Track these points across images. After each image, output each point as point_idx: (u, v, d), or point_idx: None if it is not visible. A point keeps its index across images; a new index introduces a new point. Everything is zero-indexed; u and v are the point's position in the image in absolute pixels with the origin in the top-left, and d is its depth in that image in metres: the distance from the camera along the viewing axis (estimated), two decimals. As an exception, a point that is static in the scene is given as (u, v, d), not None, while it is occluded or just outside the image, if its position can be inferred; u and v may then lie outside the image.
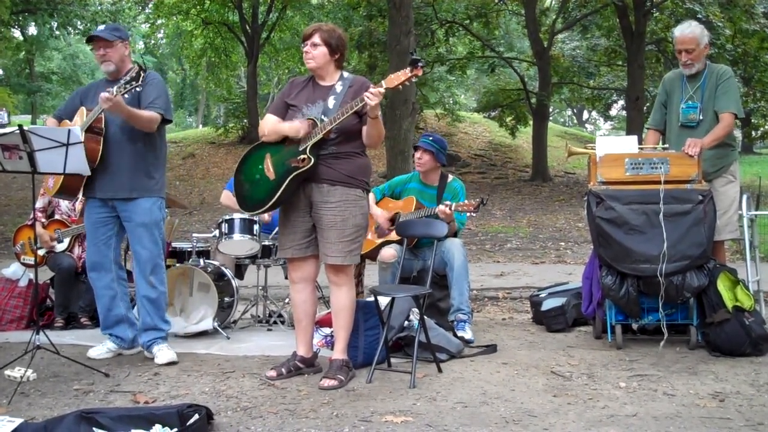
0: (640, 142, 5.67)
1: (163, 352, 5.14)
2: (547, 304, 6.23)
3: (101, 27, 5.27)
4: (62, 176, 5.00)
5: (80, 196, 5.44)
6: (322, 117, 4.58)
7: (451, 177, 6.26)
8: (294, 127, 4.57)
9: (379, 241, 6.10)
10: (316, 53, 4.69)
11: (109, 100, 4.73)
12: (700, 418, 3.83)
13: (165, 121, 5.19)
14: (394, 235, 5.94)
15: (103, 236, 5.23)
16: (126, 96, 4.81)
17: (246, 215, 6.06)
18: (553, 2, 28.62)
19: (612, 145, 5.52)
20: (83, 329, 6.19)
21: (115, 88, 4.77)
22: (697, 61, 5.65)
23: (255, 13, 27.28)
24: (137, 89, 4.81)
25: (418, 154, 6.09)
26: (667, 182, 5.22)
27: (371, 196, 6.03)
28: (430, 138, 6.17)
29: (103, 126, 5.05)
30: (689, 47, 5.62)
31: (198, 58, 32.15)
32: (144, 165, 5.18)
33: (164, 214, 5.40)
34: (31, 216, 6.27)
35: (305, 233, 4.74)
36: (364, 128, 4.61)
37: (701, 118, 5.64)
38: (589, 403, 4.12)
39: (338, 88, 4.70)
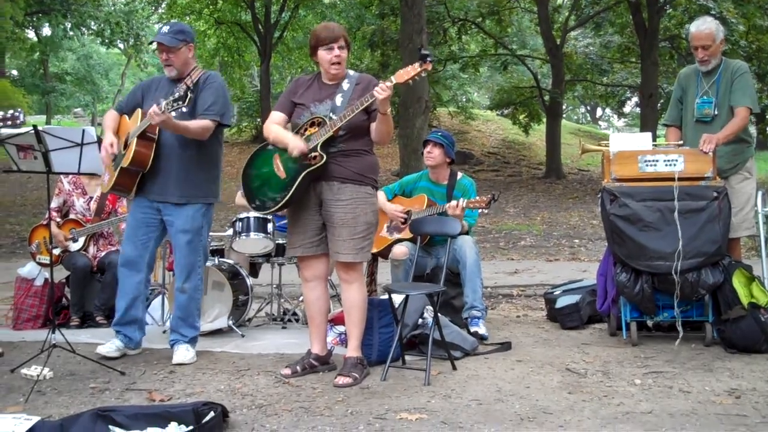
0: (654, 139, 5.65)
1: (179, 352, 5.15)
2: (562, 302, 6.22)
3: (164, 29, 5.17)
4: (114, 178, 5.07)
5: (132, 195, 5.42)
6: (331, 115, 4.59)
7: (460, 174, 6.25)
8: (295, 144, 4.53)
9: (393, 238, 6.10)
10: (344, 56, 4.71)
11: (157, 115, 4.74)
12: (716, 415, 3.82)
13: (222, 125, 5.21)
14: (407, 233, 5.95)
15: (144, 236, 5.24)
16: (173, 113, 4.81)
17: (259, 214, 6.07)
18: (566, -1, 28.55)
19: (626, 142, 5.51)
20: (99, 327, 6.21)
21: (163, 103, 4.73)
22: (714, 57, 5.62)
23: (267, 12, 27.31)
24: (183, 109, 4.81)
25: (428, 148, 6.09)
26: (681, 179, 5.21)
27: (382, 195, 6.02)
28: (439, 133, 6.19)
29: (156, 132, 5.05)
30: (705, 43, 5.59)
31: (211, 58, 32.20)
32: (195, 171, 5.18)
33: (209, 220, 5.37)
34: (46, 216, 6.30)
35: (315, 231, 4.75)
36: (373, 124, 4.62)
37: (716, 113, 5.61)
38: (604, 400, 4.11)
39: (345, 85, 4.71)
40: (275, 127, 4.77)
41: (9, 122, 4.76)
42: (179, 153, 5.13)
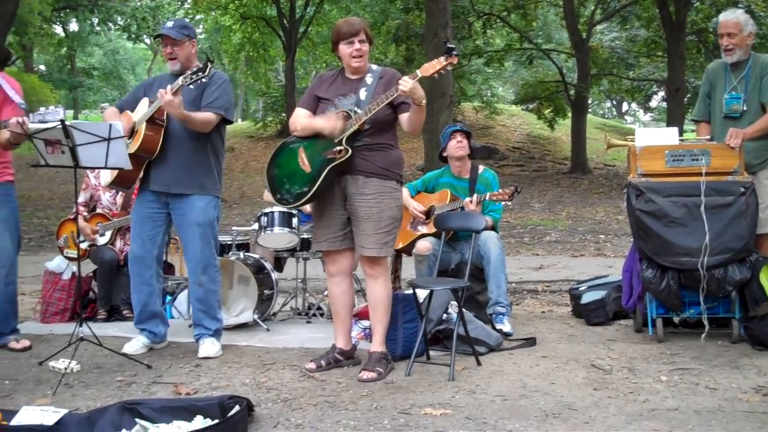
0: (680, 134, 5.60)
1: (205, 346, 5.19)
2: (587, 297, 6.19)
3: (169, 24, 5.23)
4: (119, 174, 5.08)
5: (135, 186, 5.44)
6: (356, 109, 4.60)
7: (482, 167, 6.25)
8: (330, 124, 4.58)
9: (417, 234, 6.10)
10: (365, 49, 4.71)
11: (165, 97, 4.79)
12: (743, 412, 3.79)
13: (225, 121, 5.23)
14: (431, 228, 5.95)
15: (151, 231, 5.25)
16: (191, 87, 4.84)
17: (285, 209, 6.10)
18: (592, -7, 28.35)
19: (652, 136, 5.47)
20: (125, 321, 6.26)
21: (177, 81, 4.80)
22: (739, 48, 5.55)
23: (293, 7, 27.36)
24: (203, 80, 4.81)
25: (458, 138, 6.10)
26: (708, 174, 5.17)
27: (405, 191, 6.02)
28: (458, 124, 6.21)
29: (165, 117, 5.06)
30: (731, 31, 5.53)
31: (236, 53, 32.33)
32: (202, 162, 5.20)
33: (218, 213, 5.39)
34: (74, 210, 6.35)
35: (340, 226, 4.76)
36: (406, 115, 4.62)
37: (745, 109, 5.55)
38: (630, 396, 4.10)
39: (368, 80, 4.72)
40: (302, 118, 4.79)
41: (48, 117, 4.77)
42: (188, 143, 5.14)
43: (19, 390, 4.35)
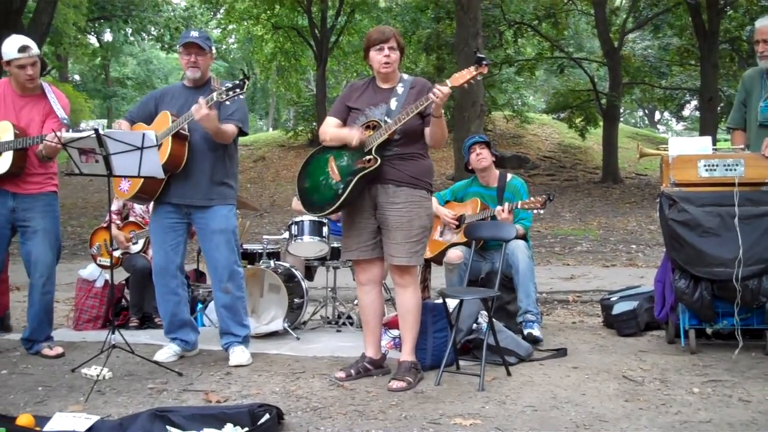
0: (714, 143, 5.55)
1: (236, 354, 5.21)
2: (618, 308, 6.15)
3: (194, 33, 5.26)
4: (141, 181, 5.10)
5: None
6: (386, 118, 4.60)
7: (510, 175, 6.23)
8: (351, 134, 4.60)
9: (447, 243, 6.09)
10: (395, 57, 4.71)
11: (202, 111, 4.83)
12: (777, 425, 3.75)
13: (241, 132, 5.29)
14: (461, 237, 5.94)
15: (173, 242, 5.29)
16: (228, 102, 4.89)
17: (316, 218, 6.12)
18: (624, 1, 28.18)
19: (685, 146, 5.42)
20: (157, 329, 6.29)
21: (215, 94, 4.84)
22: (775, 55, 5.50)
23: (324, 17, 27.51)
24: (241, 96, 4.89)
25: (477, 151, 6.09)
26: (742, 184, 5.11)
27: (434, 200, 6.02)
28: (474, 136, 6.29)
29: (187, 131, 5.12)
30: (767, 38, 5.48)
31: (268, 63, 32.58)
32: (222, 173, 5.26)
33: (236, 221, 5.50)
34: (107, 218, 6.42)
35: (371, 235, 4.76)
36: (427, 128, 4.62)
37: (781, 117, 5.49)
38: (662, 408, 4.05)
39: (399, 89, 4.72)
40: (331, 128, 4.81)
41: (85, 133, 4.79)
42: (209, 155, 5.20)
43: (52, 396, 4.39)
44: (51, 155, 5.22)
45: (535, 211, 5.86)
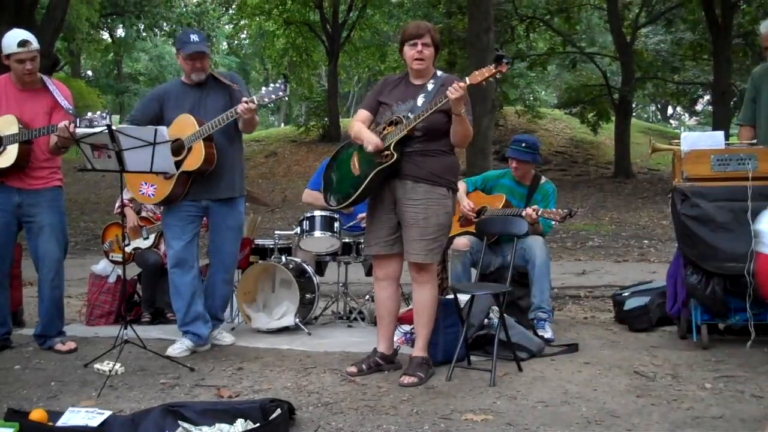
0: (726, 138, 5.52)
1: (226, 335, 5.72)
2: (630, 303, 6.13)
3: (195, 38, 5.32)
4: (170, 186, 5.20)
5: None
6: (409, 114, 4.59)
7: (544, 179, 6.19)
8: (369, 138, 4.61)
9: (461, 230, 6.07)
10: (427, 53, 4.69)
11: (251, 110, 5.00)
12: (790, 421, 3.73)
13: None
14: (472, 227, 5.93)
15: (191, 233, 5.38)
16: (270, 105, 5.23)
17: (327, 213, 6.13)
18: (637, -4, 28.07)
19: (697, 141, 5.40)
20: (169, 324, 6.31)
21: (255, 97, 5.03)
22: (785, 56, 5.47)
23: (335, 12, 27.51)
24: (285, 99, 5.10)
25: (514, 164, 6.05)
26: (755, 179, 5.08)
27: (463, 186, 6.06)
28: (523, 144, 6.05)
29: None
30: None
31: (280, 58, 32.59)
32: (238, 165, 5.47)
33: None
34: (117, 205, 6.43)
35: (390, 230, 4.76)
36: (452, 127, 4.60)
37: (790, 113, 5.46)
38: (674, 404, 4.05)
39: (429, 86, 4.69)
40: (358, 124, 4.81)
41: (95, 123, 4.96)
42: (228, 150, 5.36)
43: (65, 391, 4.42)
44: (66, 145, 5.23)
45: (553, 223, 5.89)
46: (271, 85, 5.10)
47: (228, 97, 5.30)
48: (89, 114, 5.05)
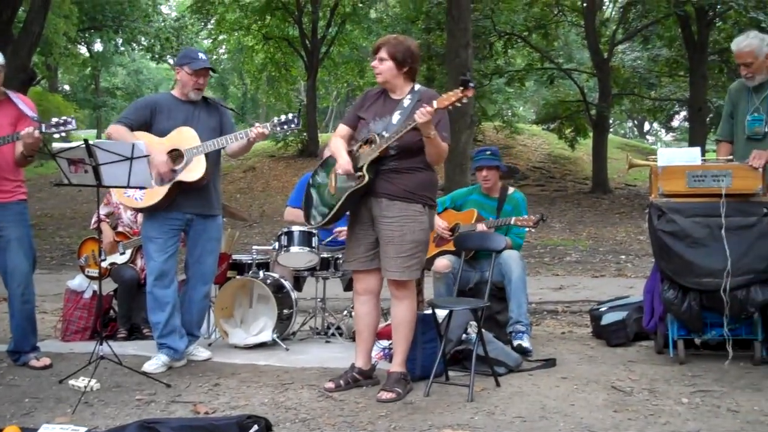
0: (703, 154, 5.56)
1: (202, 350, 5.70)
2: (608, 318, 6.15)
3: (203, 56, 5.45)
4: (162, 194, 5.22)
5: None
6: (384, 133, 4.58)
7: (512, 189, 6.23)
8: (340, 164, 4.63)
9: (437, 249, 6.10)
10: (382, 68, 4.69)
11: (263, 135, 5.25)
12: (766, 435, 3.75)
13: None
14: (451, 245, 5.94)
15: (173, 247, 5.40)
16: (280, 131, 5.36)
17: (305, 228, 6.12)
18: (614, 13, 28.29)
19: (674, 156, 5.44)
20: (146, 339, 6.27)
21: (269, 125, 5.25)
22: (759, 73, 5.50)
23: (315, 27, 27.56)
24: (297, 130, 5.15)
25: (483, 173, 6.07)
26: (729, 195, 5.12)
27: None
28: (488, 152, 6.17)
29: None
30: (747, 61, 5.49)
31: (258, 73, 32.63)
32: (218, 182, 5.62)
33: None
34: (93, 220, 6.39)
35: (369, 246, 4.76)
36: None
37: (767, 130, 5.51)
38: (651, 419, 4.06)
39: (406, 102, 4.67)
40: (337, 141, 4.80)
41: (61, 127, 4.99)
42: (214, 168, 5.50)
43: (40, 408, 4.37)
44: (31, 151, 5.16)
45: (527, 229, 5.91)
46: (283, 116, 5.24)
47: (219, 118, 5.50)
48: (54, 119, 5.03)
